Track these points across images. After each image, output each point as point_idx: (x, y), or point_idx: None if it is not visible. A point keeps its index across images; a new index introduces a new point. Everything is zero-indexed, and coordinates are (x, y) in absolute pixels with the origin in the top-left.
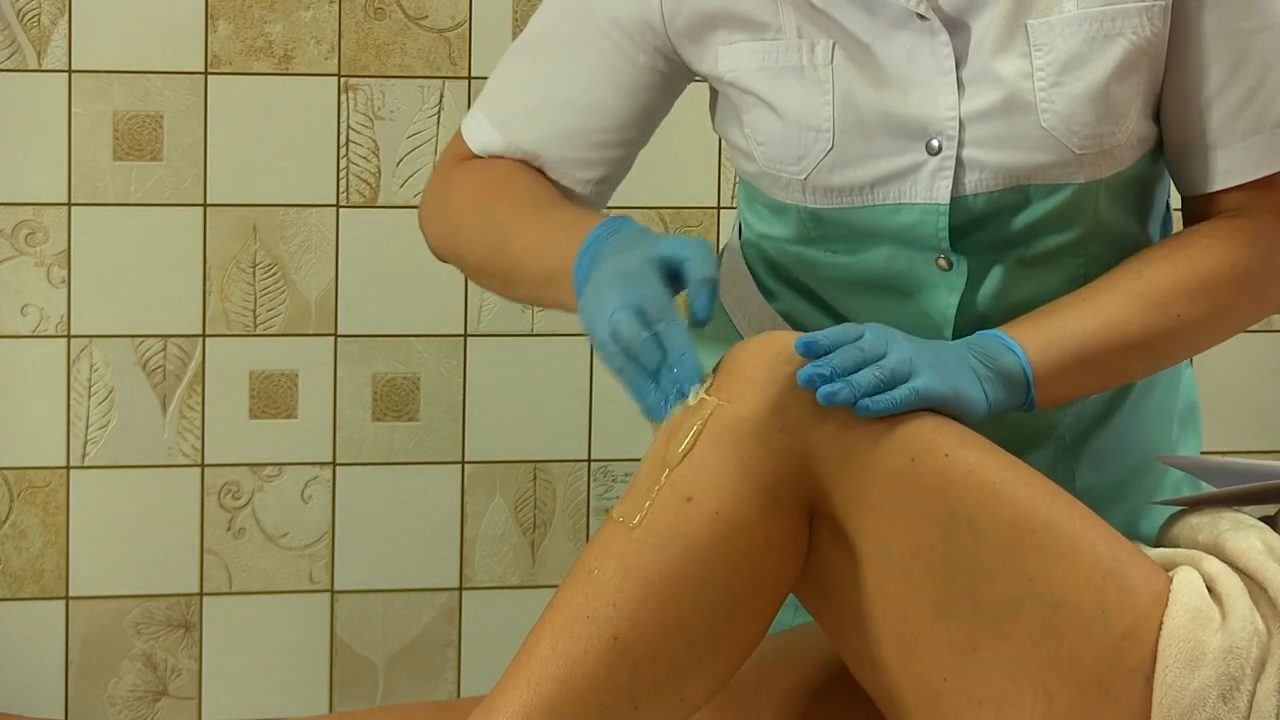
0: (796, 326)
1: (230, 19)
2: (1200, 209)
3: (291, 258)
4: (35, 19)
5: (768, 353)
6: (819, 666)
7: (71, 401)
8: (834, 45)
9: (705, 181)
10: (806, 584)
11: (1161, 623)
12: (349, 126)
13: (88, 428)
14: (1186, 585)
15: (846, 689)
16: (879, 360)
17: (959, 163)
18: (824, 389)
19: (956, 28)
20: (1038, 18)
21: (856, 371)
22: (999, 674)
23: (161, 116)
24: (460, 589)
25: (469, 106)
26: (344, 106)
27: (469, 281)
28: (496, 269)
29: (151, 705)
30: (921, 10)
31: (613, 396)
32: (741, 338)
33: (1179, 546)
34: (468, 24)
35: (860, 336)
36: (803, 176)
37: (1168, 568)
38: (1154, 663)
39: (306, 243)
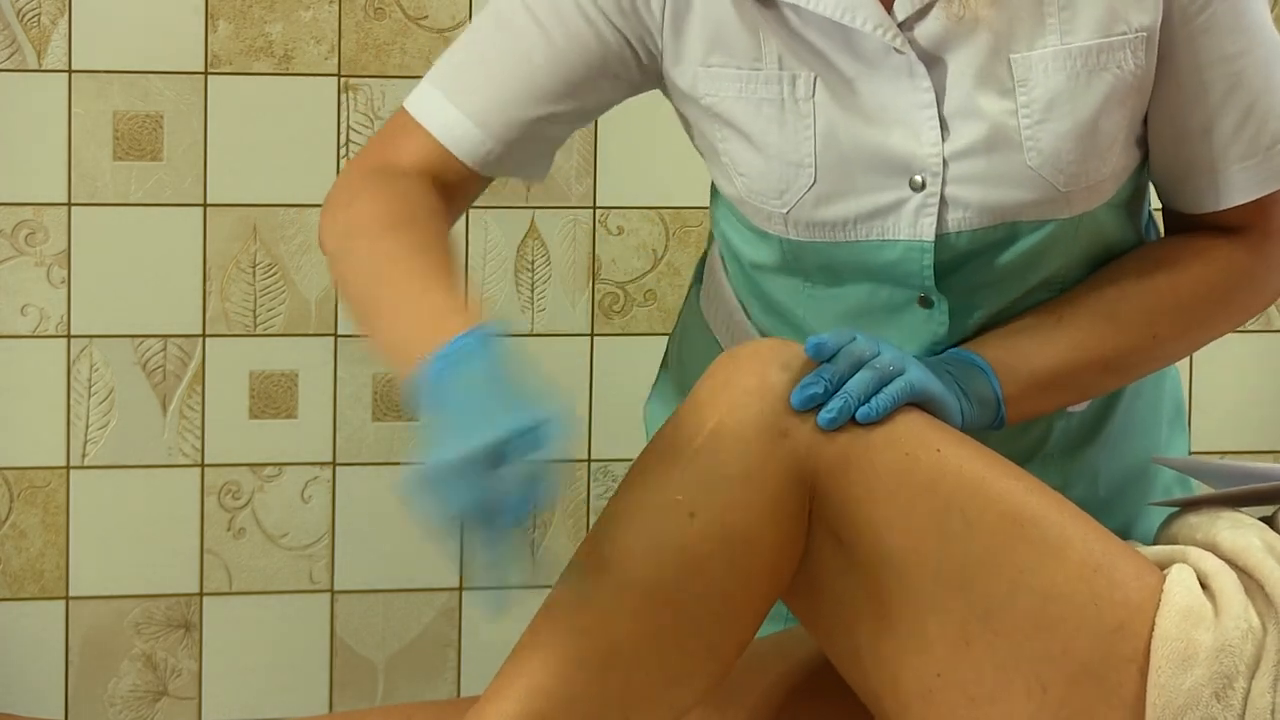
0: None
1: (230, 19)
2: (1184, 221)
3: (291, 258)
4: (35, 19)
5: (760, 360)
6: (806, 664)
7: (71, 401)
8: (815, 79)
9: (705, 181)
10: (796, 587)
11: (1154, 620)
12: (349, 126)
13: (88, 428)
14: (1178, 584)
15: (835, 686)
16: (874, 358)
17: (943, 200)
18: (824, 415)
19: (934, 64)
20: (1020, 52)
21: (854, 374)
22: (992, 668)
23: (161, 116)
24: (460, 589)
25: None
26: (344, 106)
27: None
28: (355, 304)
29: (151, 705)
30: (898, 45)
31: (613, 397)
32: (722, 350)
33: (1177, 544)
34: (468, 24)
35: (854, 339)
36: (785, 210)
37: (1164, 564)
38: (1147, 655)
39: (307, 243)
